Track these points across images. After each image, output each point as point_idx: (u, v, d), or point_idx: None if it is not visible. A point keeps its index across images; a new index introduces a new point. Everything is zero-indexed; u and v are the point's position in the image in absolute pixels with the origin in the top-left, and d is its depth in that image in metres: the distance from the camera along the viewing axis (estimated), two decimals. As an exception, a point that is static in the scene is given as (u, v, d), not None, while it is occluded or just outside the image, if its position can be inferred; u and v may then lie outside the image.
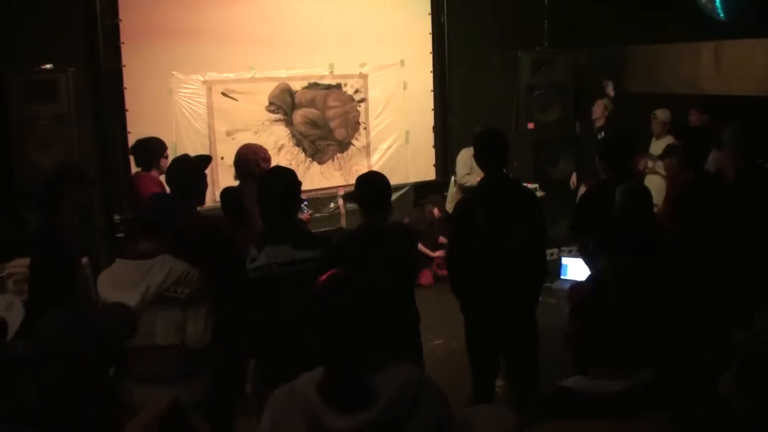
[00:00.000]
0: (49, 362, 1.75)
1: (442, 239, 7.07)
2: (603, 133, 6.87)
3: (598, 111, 7.11)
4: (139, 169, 5.17)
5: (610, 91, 7.18)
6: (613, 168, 4.11)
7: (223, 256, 3.34)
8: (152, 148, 5.10)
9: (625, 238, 3.68)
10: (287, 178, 3.37)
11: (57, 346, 1.75)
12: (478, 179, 4.13)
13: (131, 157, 5.57)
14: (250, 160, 4.55)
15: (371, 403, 1.81)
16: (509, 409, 1.69)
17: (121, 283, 2.94)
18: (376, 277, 2.03)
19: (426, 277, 6.99)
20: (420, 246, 6.65)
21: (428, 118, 7.79)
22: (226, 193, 4.58)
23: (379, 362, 1.88)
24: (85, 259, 3.87)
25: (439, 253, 7.15)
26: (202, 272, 3.02)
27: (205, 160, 4.19)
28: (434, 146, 7.85)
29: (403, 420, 1.83)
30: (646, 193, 3.94)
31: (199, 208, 3.98)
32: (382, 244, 3.52)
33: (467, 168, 6.70)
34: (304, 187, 3.65)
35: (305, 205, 5.49)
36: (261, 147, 4.74)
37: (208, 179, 6.52)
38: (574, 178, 7.43)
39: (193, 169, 3.91)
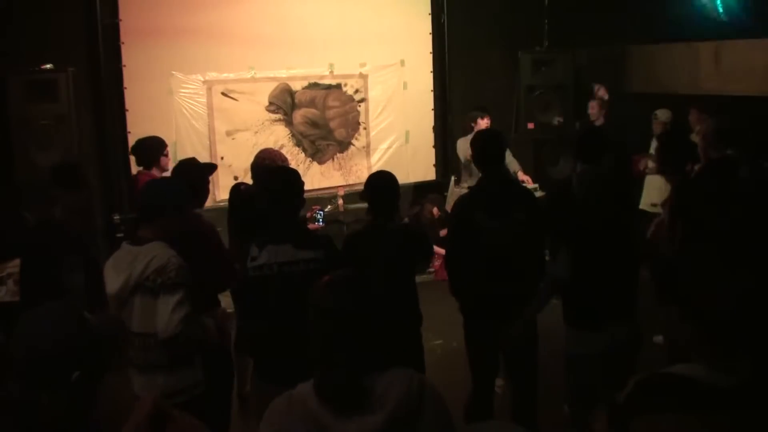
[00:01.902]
0: (32, 357, 1.73)
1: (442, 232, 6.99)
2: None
3: (594, 111, 7.12)
4: (140, 168, 5.20)
5: (603, 94, 7.17)
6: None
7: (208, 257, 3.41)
8: (152, 147, 5.13)
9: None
10: (290, 177, 3.36)
11: (38, 341, 1.74)
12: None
13: (131, 157, 5.58)
14: (267, 164, 4.51)
15: (374, 408, 1.79)
16: (517, 426, 1.65)
17: (117, 267, 3.01)
18: (375, 277, 2.02)
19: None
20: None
21: (428, 118, 7.79)
22: (237, 188, 4.60)
23: (377, 364, 1.86)
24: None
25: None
26: (185, 263, 3.00)
27: (211, 167, 4.25)
28: (434, 146, 7.86)
29: (410, 427, 1.81)
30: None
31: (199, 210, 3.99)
32: (386, 244, 3.50)
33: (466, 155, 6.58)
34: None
35: (321, 215, 5.49)
36: (279, 153, 4.67)
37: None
38: None
39: (199, 171, 3.97)
